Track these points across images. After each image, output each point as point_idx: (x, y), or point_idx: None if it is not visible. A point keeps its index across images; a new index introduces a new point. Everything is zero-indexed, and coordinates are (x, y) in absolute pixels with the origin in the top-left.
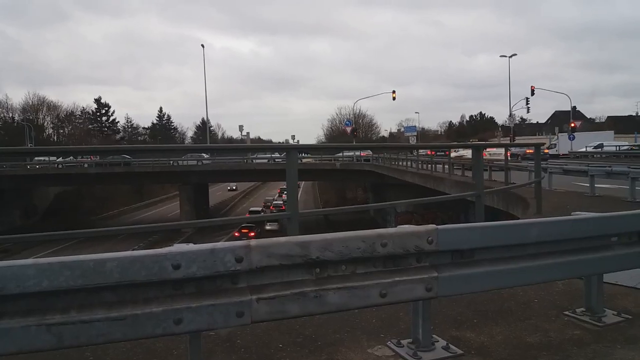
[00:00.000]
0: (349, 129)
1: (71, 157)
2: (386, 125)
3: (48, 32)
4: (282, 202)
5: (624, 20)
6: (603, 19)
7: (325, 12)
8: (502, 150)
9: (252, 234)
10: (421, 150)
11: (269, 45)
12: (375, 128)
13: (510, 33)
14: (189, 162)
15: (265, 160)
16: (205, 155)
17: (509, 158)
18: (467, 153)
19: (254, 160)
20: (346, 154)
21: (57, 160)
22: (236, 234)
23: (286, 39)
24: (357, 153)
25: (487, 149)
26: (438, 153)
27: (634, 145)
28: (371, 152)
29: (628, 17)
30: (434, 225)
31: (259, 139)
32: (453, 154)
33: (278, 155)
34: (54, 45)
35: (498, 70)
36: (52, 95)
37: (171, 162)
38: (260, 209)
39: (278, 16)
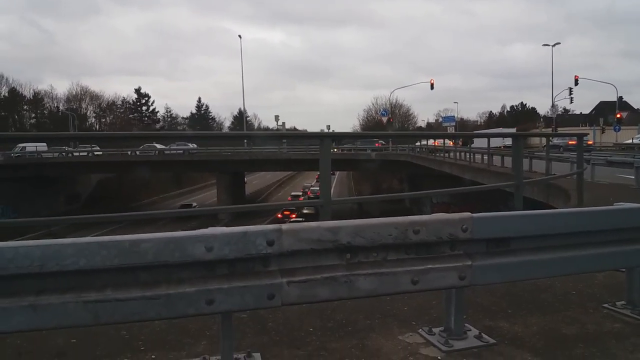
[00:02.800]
0: (385, 119)
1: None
2: (423, 115)
3: (81, 25)
4: (318, 188)
5: None
6: None
7: (352, 1)
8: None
9: (294, 215)
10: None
11: (297, 35)
12: (412, 118)
13: (545, 22)
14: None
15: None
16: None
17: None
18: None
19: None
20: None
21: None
22: (279, 216)
23: (314, 29)
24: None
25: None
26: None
27: None
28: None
29: None
30: (469, 213)
31: (294, 129)
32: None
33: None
34: (87, 37)
35: (536, 60)
36: (89, 85)
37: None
38: (300, 193)
39: (304, 6)
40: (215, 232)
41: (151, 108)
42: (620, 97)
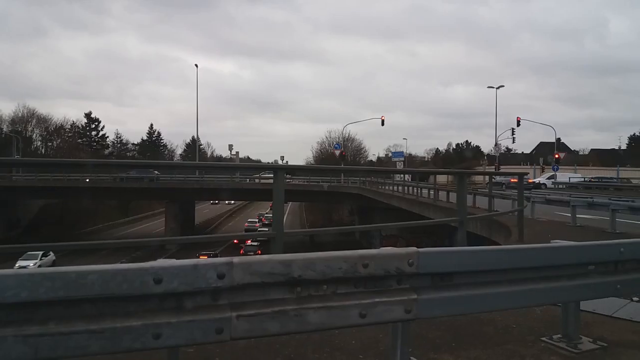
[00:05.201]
0: (337, 152)
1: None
2: (374, 150)
3: (27, 46)
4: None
5: (592, 56)
6: (572, 55)
7: (300, 39)
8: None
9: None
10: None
11: (248, 68)
12: (364, 152)
13: (483, 65)
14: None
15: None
16: None
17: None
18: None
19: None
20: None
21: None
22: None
23: (264, 63)
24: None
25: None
26: None
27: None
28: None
29: (596, 53)
30: (415, 248)
31: (248, 159)
32: None
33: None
34: (33, 60)
35: (475, 101)
36: (36, 108)
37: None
38: (256, 220)
39: (254, 40)
40: (164, 265)
41: (101, 133)
42: (559, 139)
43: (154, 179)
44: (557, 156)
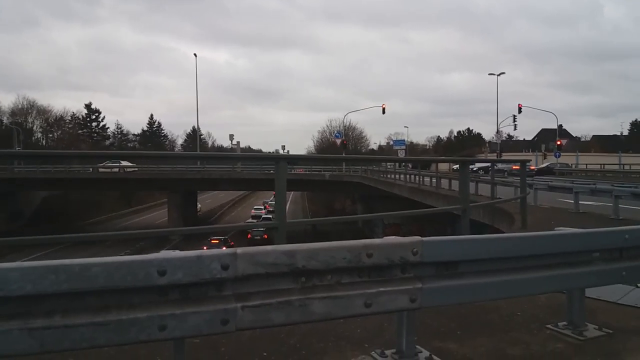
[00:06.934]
0: (338, 141)
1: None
2: (374, 138)
3: (20, 37)
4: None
5: (588, 42)
6: (568, 41)
7: (294, 27)
8: None
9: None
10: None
11: (242, 57)
12: (365, 141)
13: (478, 52)
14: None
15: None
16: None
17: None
18: None
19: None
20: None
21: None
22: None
23: (259, 51)
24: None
25: None
26: None
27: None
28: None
29: (592, 39)
30: (419, 237)
31: (249, 149)
32: None
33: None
34: (27, 50)
35: (472, 88)
36: (34, 99)
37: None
38: (262, 207)
39: (247, 28)
40: (168, 256)
41: (101, 124)
42: (560, 125)
43: None
44: (559, 143)
